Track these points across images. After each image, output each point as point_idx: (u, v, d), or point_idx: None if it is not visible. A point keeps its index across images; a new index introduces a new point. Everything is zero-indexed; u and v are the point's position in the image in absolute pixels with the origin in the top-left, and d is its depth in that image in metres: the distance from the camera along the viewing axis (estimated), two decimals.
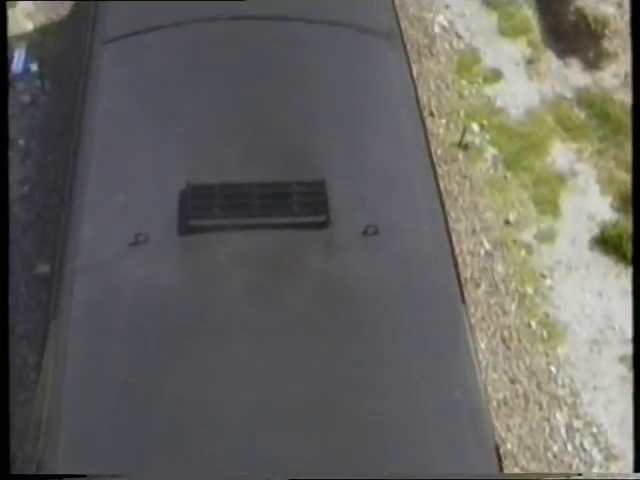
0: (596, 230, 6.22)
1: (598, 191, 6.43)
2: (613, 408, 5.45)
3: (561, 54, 7.22)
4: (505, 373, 5.54)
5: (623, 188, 6.30)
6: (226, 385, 3.71)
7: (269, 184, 4.19)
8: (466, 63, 7.12)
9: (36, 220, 5.92)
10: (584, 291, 5.94)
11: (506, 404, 5.41)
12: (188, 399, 3.67)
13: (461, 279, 4.35)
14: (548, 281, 5.97)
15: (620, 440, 5.30)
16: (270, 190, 4.17)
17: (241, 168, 4.30)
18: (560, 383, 5.53)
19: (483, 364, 5.45)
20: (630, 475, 4.99)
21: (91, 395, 3.72)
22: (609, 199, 6.38)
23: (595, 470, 5.23)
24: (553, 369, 5.58)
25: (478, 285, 5.88)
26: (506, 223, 6.23)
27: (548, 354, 5.65)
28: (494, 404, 5.33)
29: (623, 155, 6.50)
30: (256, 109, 4.58)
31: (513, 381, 5.52)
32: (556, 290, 5.92)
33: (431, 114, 6.70)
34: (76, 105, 4.78)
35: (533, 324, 5.76)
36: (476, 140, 6.64)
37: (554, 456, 5.27)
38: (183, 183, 4.18)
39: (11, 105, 6.32)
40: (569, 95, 6.96)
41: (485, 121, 6.77)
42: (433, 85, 6.91)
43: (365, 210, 4.23)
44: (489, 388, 5.36)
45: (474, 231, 6.14)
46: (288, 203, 4.13)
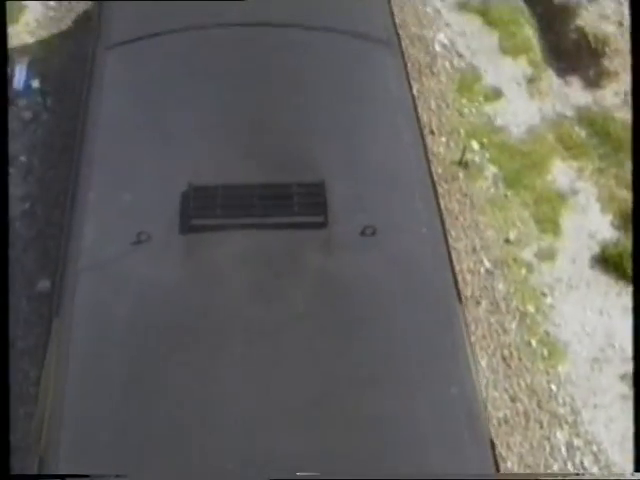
0: (597, 248, 6.22)
1: (599, 209, 6.44)
2: (614, 426, 5.43)
3: (562, 73, 7.25)
4: (505, 391, 5.53)
5: (623, 206, 6.31)
6: (228, 384, 3.74)
7: (270, 185, 4.26)
8: (467, 82, 7.13)
9: (38, 236, 5.93)
10: (585, 309, 5.94)
11: (507, 422, 5.40)
12: (190, 398, 3.70)
13: (457, 279, 4.38)
14: (549, 299, 5.96)
15: (621, 458, 5.28)
16: (271, 191, 4.23)
17: (242, 170, 4.36)
18: (561, 401, 5.52)
19: (484, 382, 5.44)
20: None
21: (93, 394, 3.73)
22: (610, 217, 6.39)
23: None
24: (554, 387, 5.57)
25: (479, 303, 5.88)
26: (506, 241, 6.23)
27: (549, 372, 5.64)
28: (495, 422, 5.32)
29: (623, 173, 6.50)
30: (257, 113, 4.65)
31: (514, 399, 5.50)
32: (557, 308, 5.92)
33: (432, 132, 6.71)
34: (80, 108, 4.84)
35: (534, 342, 5.76)
36: (476, 158, 6.65)
37: None
38: (185, 184, 4.24)
39: (13, 122, 6.36)
40: (570, 113, 6.98)
41: (485, 139, 6.78)
42: (434, 104, 6.93)
43: (363, 211, 4.28)
44: (489, 406, 5.35)
45: (474, 249, 6.14)
46: (288, 204, 4.19)
